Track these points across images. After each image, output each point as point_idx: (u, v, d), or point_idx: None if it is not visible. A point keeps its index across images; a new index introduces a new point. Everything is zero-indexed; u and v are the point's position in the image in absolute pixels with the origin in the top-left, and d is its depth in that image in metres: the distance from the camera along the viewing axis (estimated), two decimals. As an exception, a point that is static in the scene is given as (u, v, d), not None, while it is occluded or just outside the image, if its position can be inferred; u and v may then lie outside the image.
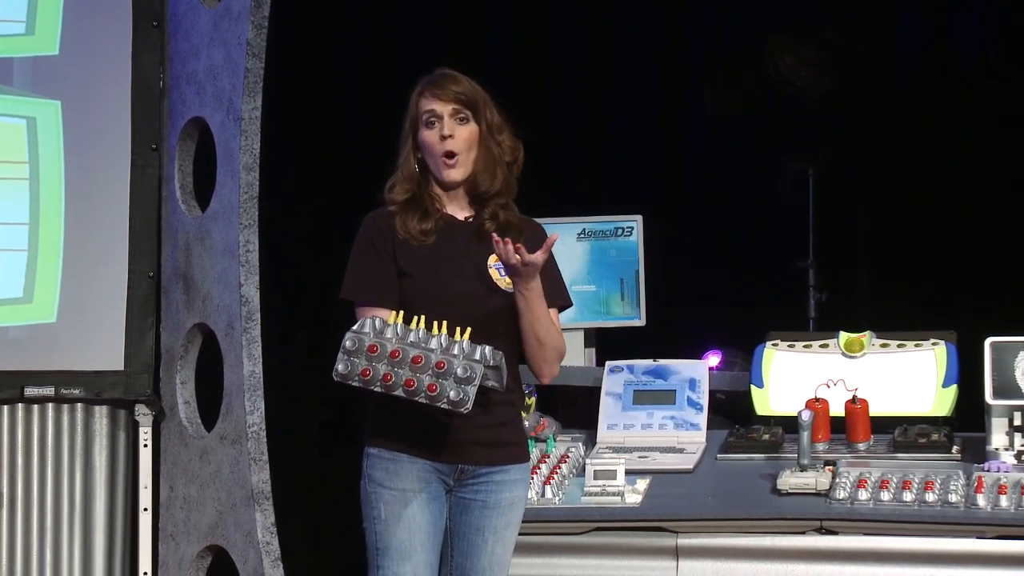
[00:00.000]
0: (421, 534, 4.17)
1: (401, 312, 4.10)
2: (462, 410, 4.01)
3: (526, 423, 5.28)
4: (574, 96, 7.96)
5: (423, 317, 4.08)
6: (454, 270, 4.20)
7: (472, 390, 4.00)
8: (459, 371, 4.01)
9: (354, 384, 4.05)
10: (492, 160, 4.24)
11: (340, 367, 4.03)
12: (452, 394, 4.00)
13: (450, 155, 4.21)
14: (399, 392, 4.02)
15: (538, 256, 4.10)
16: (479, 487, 4.22)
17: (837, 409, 5.16)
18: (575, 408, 5.64)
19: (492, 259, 4.22)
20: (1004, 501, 4.68)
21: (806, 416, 4.92)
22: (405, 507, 4.16)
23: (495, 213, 4.25)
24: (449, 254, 4.21)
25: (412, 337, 4.04)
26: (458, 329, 4.06)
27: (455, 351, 4.02)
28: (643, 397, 5.35)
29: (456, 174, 4.23)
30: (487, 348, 4.04)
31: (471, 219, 4.27)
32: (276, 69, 5.76)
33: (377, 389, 4.04)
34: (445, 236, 4.23)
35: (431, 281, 4.18)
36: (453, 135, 4.21)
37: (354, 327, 4.06)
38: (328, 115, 7.25)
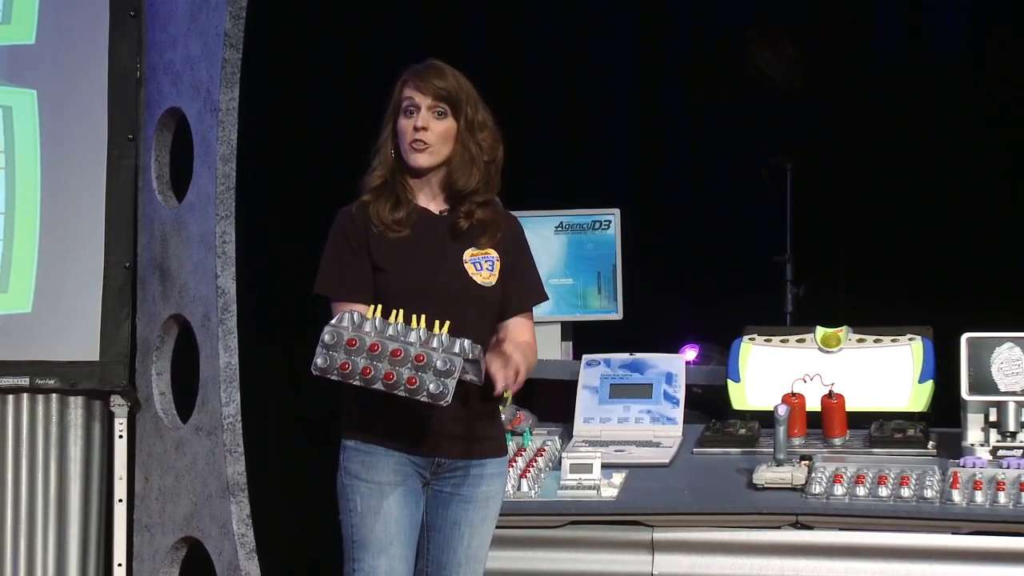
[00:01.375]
0: (397, 527, 4.16)
1: (379, 306, 4.10)
2: (442, 403, 4.01)
3: (503, 416, 5.27)
4: (552, 89, 7.96)
5: (401, 311, 4.07)
6: (429, 264, 4.19)
7: (452, 383, 4.00)
8: (439, 364, 4.00)
9: (333, 378, 4.04)
10: (469, 157, 4.23)
11: (319, 361, 4.02)
12: (432, 387, 4.00)
13: (418, 141, 4.20)
14: (378, 386, 4.02)
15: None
16: (456, 480, 4.21)
17: (813, 404, 5.17)
18: (552, 401, 5.64)
19: (468, 254, 4.22)
20: (979, 497, 4.69)
21: (782, 411, 4.93)
22: (382, 500, 4.15)
23: (470, 211, 4.23)
24: (424, 248, 4.20)
25: (391, 331, 4.03)
26: (437, 322, 4.06)
27: (434, 344, 4.02)
28: (620, 391, 5.35)
29: (422, 160, 4.21)
30: (466, 341, 4.04)
31: (446, 213, 4.26)
32: (254, 60, 5.75)
33: (356, 383, 4.03)
34: (420, 229, 4.22)
35: (406, 275, 4.17)
36: (428, 127, 4.21)
37: (332, 321, 4.05)
38: (306, 106, 7.24)
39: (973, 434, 5.00)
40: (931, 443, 5.07)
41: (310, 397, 6.84)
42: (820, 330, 5.35)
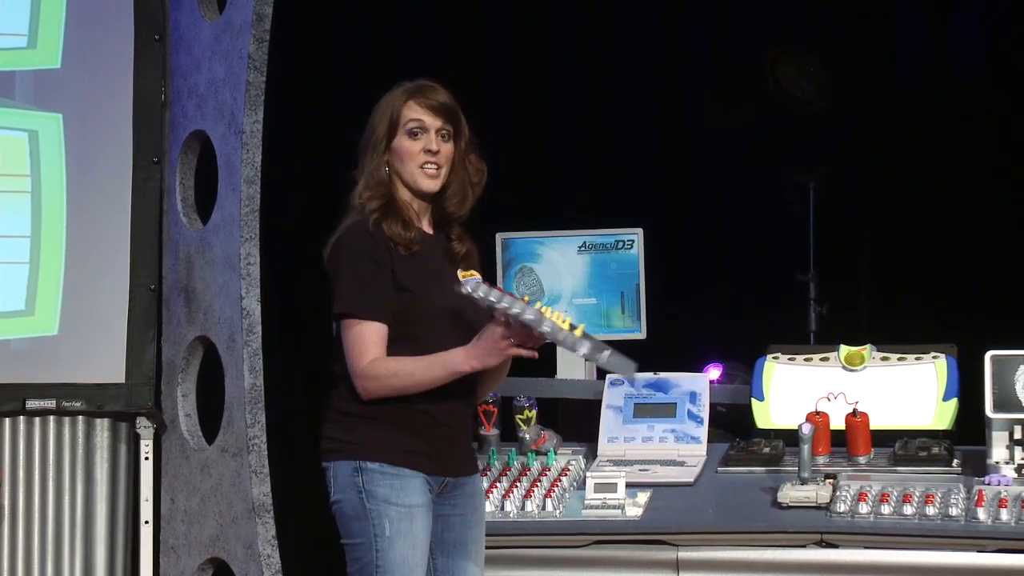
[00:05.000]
0: (421, 550, 4.13)
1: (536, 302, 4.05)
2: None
3: (527, 436, 5.29)
4: (574, 109, 7.97)
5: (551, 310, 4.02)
6: (441, 286, 4.11)
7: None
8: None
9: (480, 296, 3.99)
10: (464, 182, 4.18)
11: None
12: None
13: (429, 165, 4.13)
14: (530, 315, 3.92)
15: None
16: (456, 500, 4.20)
17: (838, 422, 5.17)
18: (576, 421, 5.65)
19: (460, 275, 4.12)
20: (1005, 515, 4.69)
21: (807, 429, 4.93)
22: (411, 523, 4.10)
23: (461, 235, 4.21)
24: (434, 269, 4.15)
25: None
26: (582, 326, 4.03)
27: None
28: (644, 410, 5.35)
29: (433, 185, 4.14)
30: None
31: (438, 236, 4.23)
32: (277, 82, 5.77)
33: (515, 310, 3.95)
34: (426, 251, 4.17)
35: (430, 298, 4.11)
36: (439, 151, 4.14)
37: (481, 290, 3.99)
38: (329, 128, 7.26)
39: (998, 452, 4.99)
40: (956, 461, 5.06)
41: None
42: (844, 348, 5.35)
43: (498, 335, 4.00)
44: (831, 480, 4.94)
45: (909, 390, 5.25)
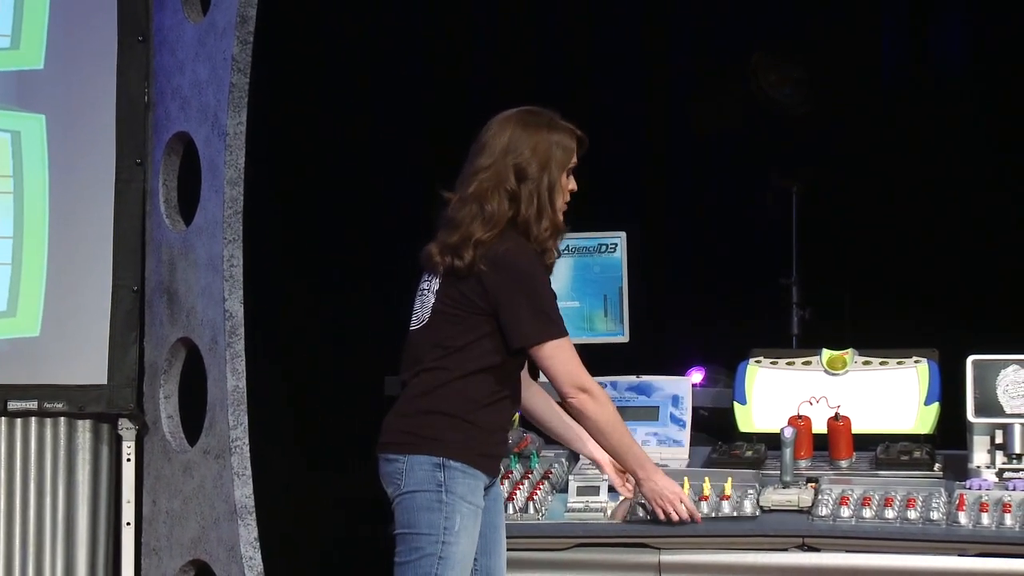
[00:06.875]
0: (474, 546, 4.37)
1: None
2: None
3: (509, 439, 5.29)
4: (558, 112, 7.97)
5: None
6: None
7: None
8: None
9: None
10: None
11: None
12: None
13: (567, 205, 4.48)
14: None
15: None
16: (489, 489, 4.45)
17: (820, 426, 5.17)
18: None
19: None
20: (985, 519, 4.69)
21: (789, 433, 4.94)
22: (475, 521, 4.35)
23: None
24: None
25: None
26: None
27: None
28: (626, 413, 5.33)
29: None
30: None
31: None
32: (261, 84, 5.77)
33: None
34: None
35: None
36: None
37: None
38: (313, 130, 7.26)
39: (979, 456, 5.00)
40: (937, 465, 5.07)
41: (317, 420, 6.86)
42: (826, 352, 5.36)
43: (668, 505, 4.68)
44: (813, 484, 4.95)
45: (891, 394, 5.25)
